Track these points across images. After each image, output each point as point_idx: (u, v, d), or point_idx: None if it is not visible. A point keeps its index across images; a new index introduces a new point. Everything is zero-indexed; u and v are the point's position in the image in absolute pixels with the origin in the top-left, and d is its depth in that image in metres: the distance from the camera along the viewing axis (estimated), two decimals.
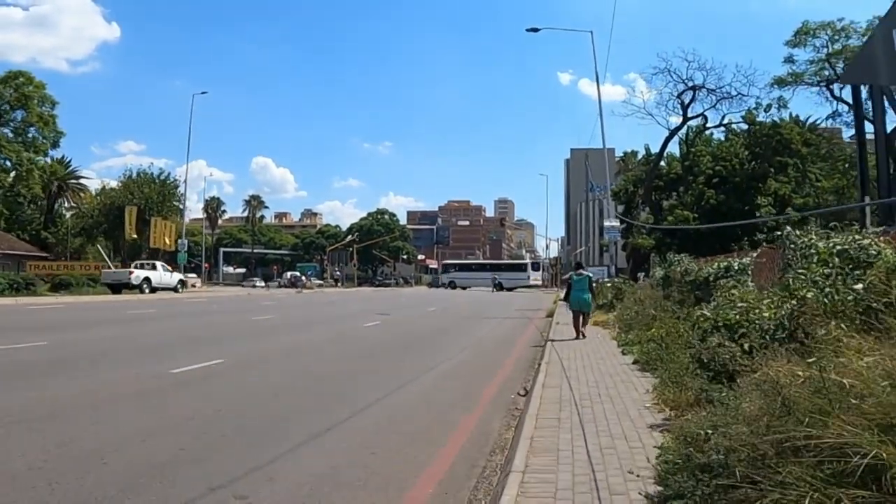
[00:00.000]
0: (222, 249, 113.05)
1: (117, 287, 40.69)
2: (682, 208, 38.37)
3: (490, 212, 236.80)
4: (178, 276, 47.21)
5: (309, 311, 29.30)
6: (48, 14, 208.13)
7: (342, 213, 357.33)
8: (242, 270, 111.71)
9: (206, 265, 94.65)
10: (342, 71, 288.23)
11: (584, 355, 12.28)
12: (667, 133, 40.26)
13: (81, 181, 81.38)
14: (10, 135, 31.91)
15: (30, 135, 33.34)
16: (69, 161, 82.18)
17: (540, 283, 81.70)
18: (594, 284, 18.39)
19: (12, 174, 31.04)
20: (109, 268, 48.68)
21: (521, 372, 11.36)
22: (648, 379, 8.96)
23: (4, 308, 25.36)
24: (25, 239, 74.31)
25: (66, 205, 74.02)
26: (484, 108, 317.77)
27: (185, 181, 62.87)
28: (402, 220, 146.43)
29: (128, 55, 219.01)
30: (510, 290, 72.04)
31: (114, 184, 71.18)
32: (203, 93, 64.10)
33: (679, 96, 37.97)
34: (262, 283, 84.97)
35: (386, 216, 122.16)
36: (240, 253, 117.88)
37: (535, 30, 33.22)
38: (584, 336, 15.56)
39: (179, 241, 57.24)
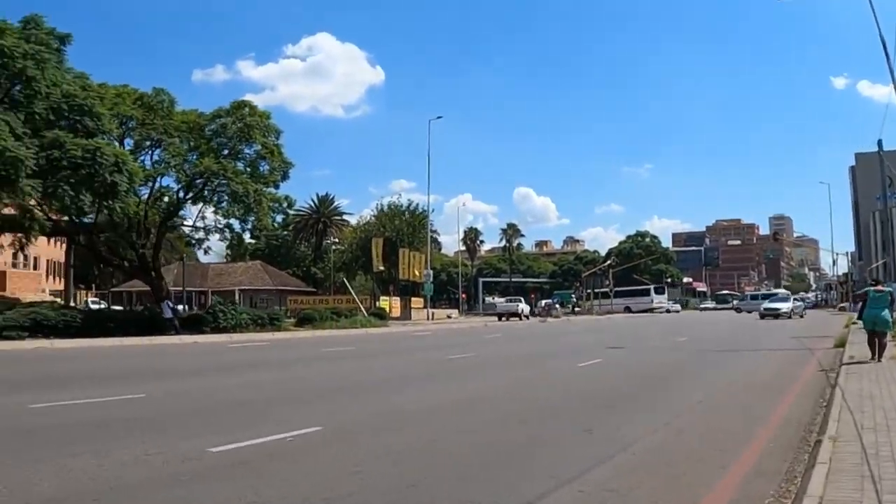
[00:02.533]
0: (481, 279, 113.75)
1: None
2: None
3: (764, 229, 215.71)
4: None
5: (527, 346, 25.60)
6: (322, 62, 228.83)
7: (605, 238, 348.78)
8: (502, 300, 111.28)
9: (464, 295, 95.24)
10: (594, 95, 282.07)
11: None
12: None
13: (344, 217, 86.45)
14: (242, 167, 31.94)
15: (262, 168, 33.06)
16: (333, 198, 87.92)
17: (664, 306, 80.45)
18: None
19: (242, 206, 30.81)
20: (354, 301, 49.25)
21: (776, 458, 6.65)
22: None
23: (202, 347, 24.92)
24: (298, 275, 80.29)
25: (331, 241, 78.03)
26: (748, 120, 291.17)
27: (429, 211, 62.52)
28: (667, 243, 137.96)
29: (393, 97, 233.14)
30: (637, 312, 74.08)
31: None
32: (438, 118, 63.93)
33: None
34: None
35: (647, 239, 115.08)
36: (498, 282, 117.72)
37: None
38: (879, 359, 14.06)
39: (424, 271, 56.67)
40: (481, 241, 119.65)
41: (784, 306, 50.85)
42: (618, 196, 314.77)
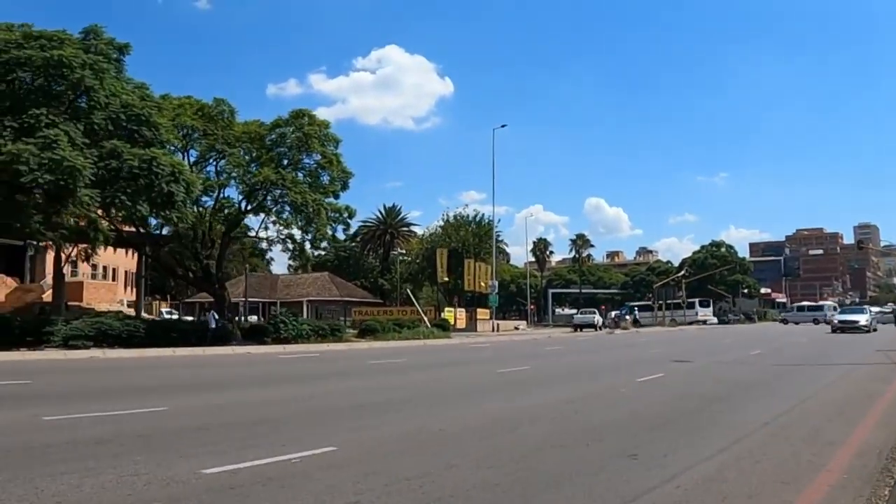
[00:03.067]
0: (550, 291, 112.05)
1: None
2: None
3: (848, 238, 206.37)
4: None
5: (587, 359, 24.45)
6: (392, 74, 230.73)
7: (679, 249, 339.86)
8: (573, 311, 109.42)
9: (532, 307, 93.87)
10: (666, 104, 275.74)
11: None
12: None
13: (411, 228, 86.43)
14: (302, 178, 31.86)
15: (323, 178, 32.93)
16: (400, 208, 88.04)
17: (707, 319, 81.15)
18: None
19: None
20: (417, 312, 48.79)
21: (849, 494, 5.65)
22: None
23: (251, 357, 24.63)
24: (366, 286, 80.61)
25: (398, 252, 77.94)
26: (829, 126, 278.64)
27: (495, 221, 61.64)
28: (743, 253, 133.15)
29: (462, 108, 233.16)
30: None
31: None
32: (503, 126, 62.56)
33: None
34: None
35: (722, 248, 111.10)
36: (568, 294, 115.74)
37: None
38: None
39: (490, 282, 55.77)
40: (551, 252, 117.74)
41: (862, 318, 45.39)
42: (692, 206, 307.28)
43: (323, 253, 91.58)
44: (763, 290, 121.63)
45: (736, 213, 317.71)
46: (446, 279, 60.25)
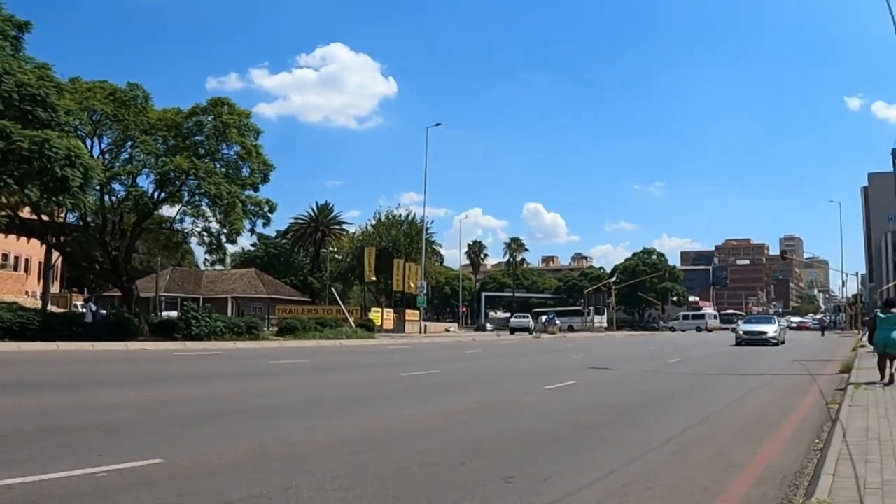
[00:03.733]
0: (484, 294, 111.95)
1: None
2: None
3: (774, 249, 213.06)
4: None
5: (502, 363, 23.80)
6: (336, 73, 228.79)
7: (614, 256, 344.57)
8: (506, 315, 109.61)
9: (465, 309, 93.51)
10: (608, 113, 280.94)
11: None
12: None
13: (344, 226, 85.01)
14: (220, 168, 30.50)
15: (244, 171, 31.63)
16: (332, 206, 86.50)
17: (603, 325, 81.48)
18: None
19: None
20: (342, 312, 47.72)
21: None
22: None
23: (144, 354, 23.13)
24: (295, 284, 78.86)
25: (329, 250, 76.45)
26: (763, 140, 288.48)
27: (426, 221, 60.96)
28: (675, 262, 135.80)
29: (405, 108, 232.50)
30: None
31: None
32: (437, 125, 62.44)
33: None
34: (491, 327, 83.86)
35: (653, 256, 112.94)
36: (502, 297, 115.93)
37: None
38: (893, 380, 13.64)
39: (419, 283, 54.99)
40: (485, 255, 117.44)
41: (770, 329, 39.47)
42: (628, 214, 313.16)
43: (252, 249, 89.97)
44: (692, 299, 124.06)
45: (670, 222, 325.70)
46: (374, 279, 59.24)
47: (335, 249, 73.06)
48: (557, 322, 66.35)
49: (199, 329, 31.42)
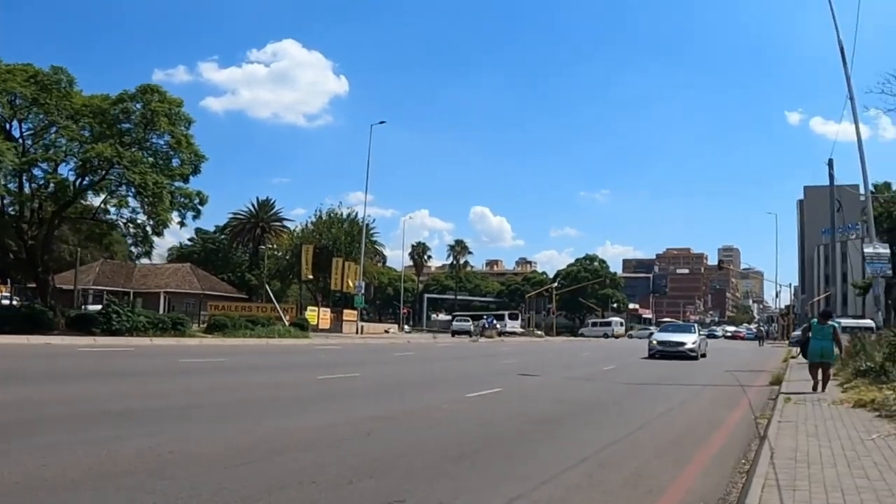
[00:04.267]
0: (426, 296, 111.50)
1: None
2: None
3: (713, 260, 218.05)
4: None
5: (431, 367, 23.24)
6: (287, 69, 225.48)
7: (558, 261, 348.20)
8: (448, 317, 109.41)
9: (406, 310, 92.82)
10: (557, 120, 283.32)
11: None
12: None
13: (285, 223, 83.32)
14: (148, 158, 29.26)
15: (174, 162, 30.44)
16: (273, 202, 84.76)
17: (515, 330, 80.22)
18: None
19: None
20: (276, 310, 46.60)
21: None
22: None
23: (46, 350, 21.70)
24: (233, 281, 76.93)
25: (268, 247, 74.79)
26: (707, 151, 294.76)
27: (366, 218, 60.14)
28: (618, 269, 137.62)
29: (356, 107, 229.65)
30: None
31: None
32: (381, 122, 61.78)
33: None
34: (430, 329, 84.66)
35: (595, 262, 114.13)
36: (444, 299, 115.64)
37: None
38: (823, 390, 14.25)
39: (356, 283, 54.08)
40: (429, 257, 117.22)
41: (689, 340, 34.89)
42: (573, 220, 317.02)
43: (189, 243, 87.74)
44: (632, 306, 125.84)
45: (614, 230, 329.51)
46: (311, 277, 58.05)
47: (274, 246, 71.35)
48: (498, 326, 66.29)
49: (120, 324, 30.01)
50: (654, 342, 35.79)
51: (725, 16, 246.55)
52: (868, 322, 30.28)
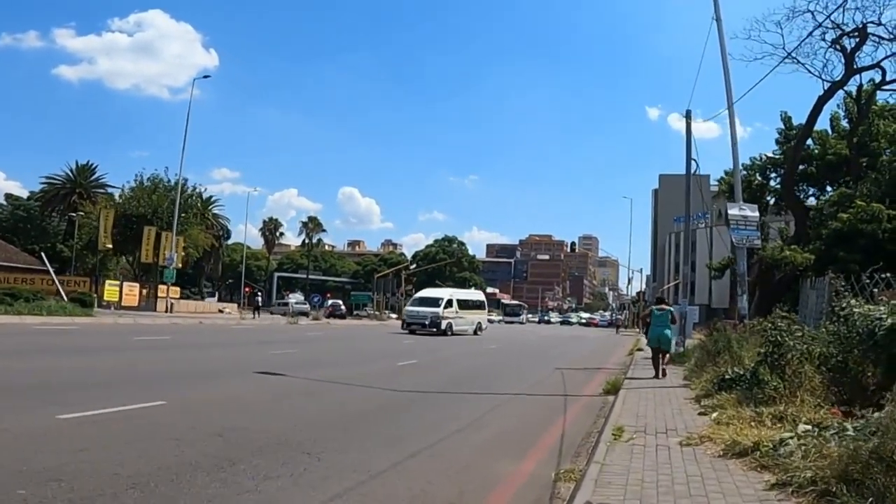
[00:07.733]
0: (277, 275, 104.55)
1: None
2: (868, 199, 25.49)
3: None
4: None
5: (163, 357, 17.24)
6: (152, 40, 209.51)
7: (424, 245, 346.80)
8: (302, 297, 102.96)
9: (247, 289, 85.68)
10: (428, 105, 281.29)
11: None
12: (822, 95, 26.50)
13: (108, 190, 73.88)
14: None
15: None
16: (95, 167, 75.17)
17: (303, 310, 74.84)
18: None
19: None
20: (53, 282, 39.38)
21: None
22: None
23: None
24: (47, 252, 67.16)
25: (81, 214, 65.59)
26: (571, 142, 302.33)
27: (181, 182, 53.11)
28: (481, 254, 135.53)
29: (225, 83, 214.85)
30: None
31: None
32: (206, 76, 55.39)
33: (836, 42, 24.66)
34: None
35: (454, 244, 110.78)
36: (297, 279, 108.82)
37: None
38: (663, 375, 14.69)
39: (167, 255, 47.18)
40: (281, 234, 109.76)
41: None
42: (442, 204, 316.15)
43: None
44: (490, 290, 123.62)
45: (481, 215, 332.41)
46: (109, 246, 50.69)
47: (84, 213, 62.18)
48: (336, 308, 61.52)
49: None
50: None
51: (601, 15, 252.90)
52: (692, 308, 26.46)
